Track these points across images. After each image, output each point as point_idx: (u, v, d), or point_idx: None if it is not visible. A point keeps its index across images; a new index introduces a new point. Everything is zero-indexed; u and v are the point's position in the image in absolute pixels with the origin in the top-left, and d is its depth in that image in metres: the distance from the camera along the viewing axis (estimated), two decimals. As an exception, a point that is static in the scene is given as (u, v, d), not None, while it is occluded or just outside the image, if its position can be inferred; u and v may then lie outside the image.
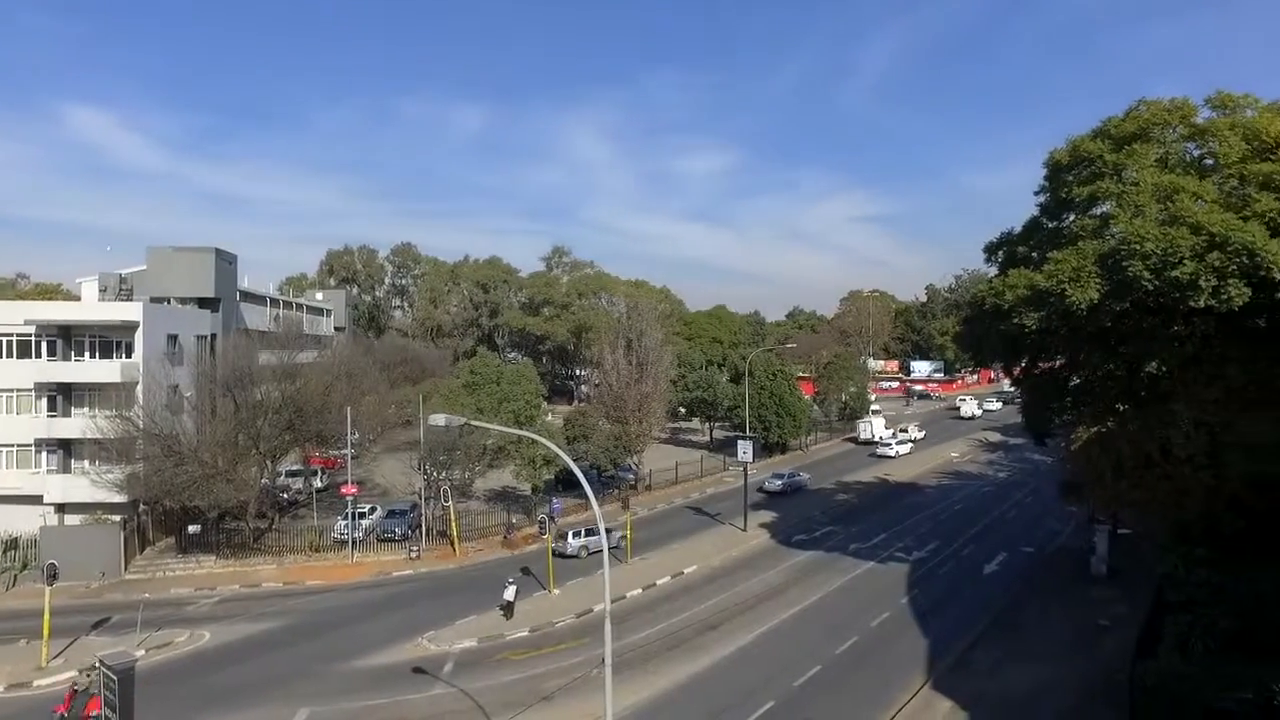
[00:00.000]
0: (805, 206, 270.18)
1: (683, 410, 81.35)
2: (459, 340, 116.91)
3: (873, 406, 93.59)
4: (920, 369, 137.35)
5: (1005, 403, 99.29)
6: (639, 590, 36.12)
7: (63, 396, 44.09)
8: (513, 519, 46.11)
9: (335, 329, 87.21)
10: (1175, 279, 24.24)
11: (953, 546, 43.02)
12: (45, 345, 44.17)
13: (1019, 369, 36.05)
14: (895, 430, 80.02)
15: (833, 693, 25.45)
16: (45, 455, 44.19)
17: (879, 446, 74.24)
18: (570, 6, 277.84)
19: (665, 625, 31.65)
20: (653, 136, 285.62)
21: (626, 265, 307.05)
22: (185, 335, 48.96)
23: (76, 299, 57.68)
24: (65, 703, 23.37)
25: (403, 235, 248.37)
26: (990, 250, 34.86)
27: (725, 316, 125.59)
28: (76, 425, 42.69)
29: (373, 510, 47.63)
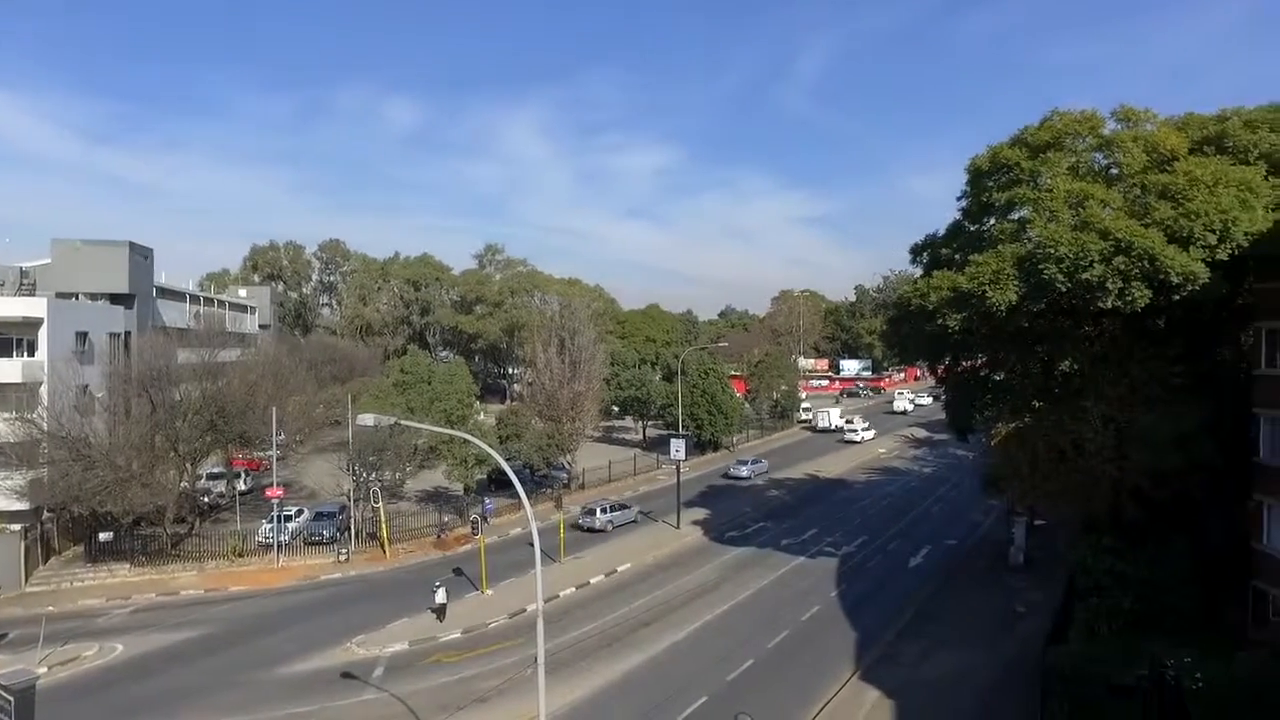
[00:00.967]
0: (740, 207, 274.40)
1: (616, 409, 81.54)
2: (389, 339, 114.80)
3: (803, 404, 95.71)
4: (849, 367, 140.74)
5: (936, 398, 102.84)
6: (573, 589, 36.08)
7: (-43, 398, 41.37)
8: (444, 519, 45.47)
9: (260, 327, 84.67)
10: (1086, 281, 25.55)
11: (880, 540, 44.28)
12: (-64, 344, 41.39)
13: (943, 368, 37.41)
14: (850, 419, 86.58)
15: (765, 686, 25.94)
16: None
17: (846, 433, 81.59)
18: (508, 2, 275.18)
19: (599, 623, 31.69)
20: (590, 134, 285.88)
21: (560, 263, 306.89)
22: (96, 333, 46.62)
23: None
24: None
25: (331, 231, 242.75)
26: (916, 252, 35.99)
27: (658, 315, 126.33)
28: (-28, 428, 40.10)
29: (300, 513, 46.34)
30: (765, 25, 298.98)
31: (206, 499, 48.38)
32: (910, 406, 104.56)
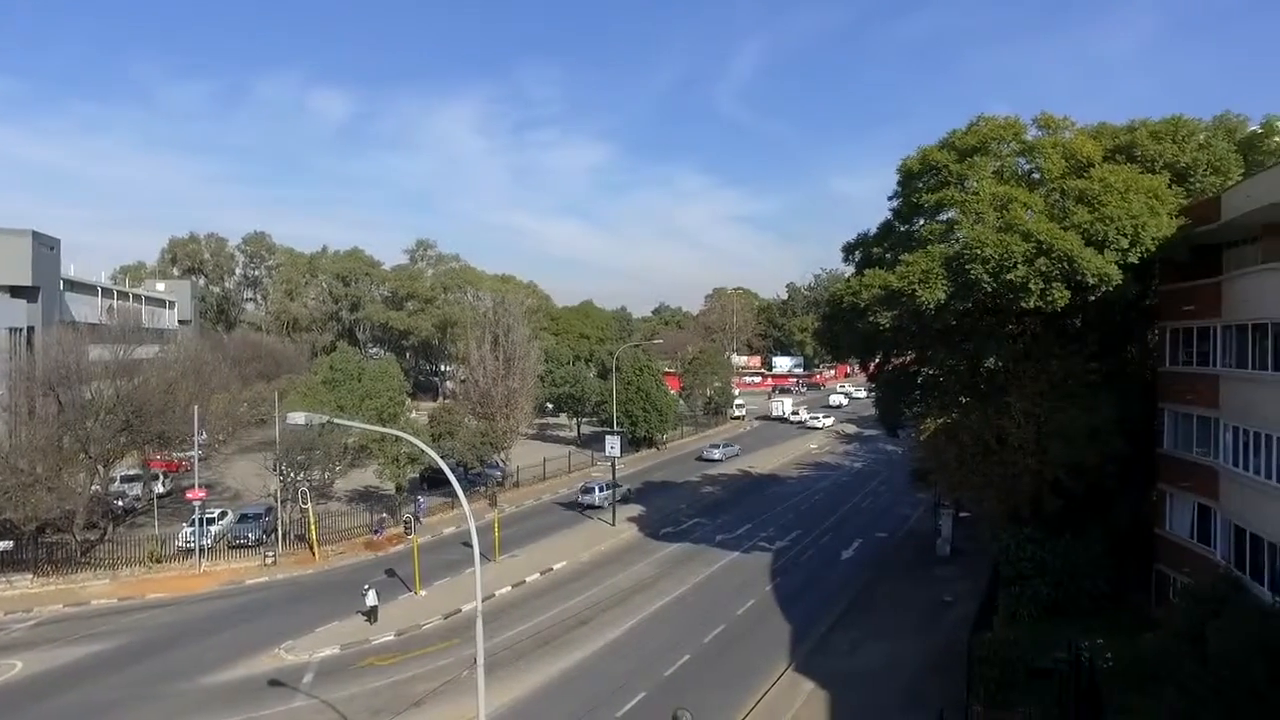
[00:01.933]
0: (674, 205, 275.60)
1: (550, 406, 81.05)
2: (317, 335, 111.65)
3: (736, 401, 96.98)
4: (781, 364, 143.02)
5: (870, 392, 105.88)
6: (509, 588, 35.72)
7: None
8: (377, 518, 44.42)
9: (180, 322, 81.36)
10: (1010, 281, 26.60)
11: (813, 535, 45.16)
12: None
13: (874, 364, 38.32)
14: (812, 410, 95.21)
15: (703, 680, 26.15)
16: None
17: (807, 421, 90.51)
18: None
19: (536, 622, 31.46)
20: (523, 130, 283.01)
21: (493, 260, 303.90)
22: (-4, 327, 43.99)
23: None
24: None
25: (256, 224, 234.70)
26: (848, 250, 36.82)
27: (593, 312, 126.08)
28: None
29: (223, 515, 44.62)
30: (699, 24, 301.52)
31: (121, 503, 45.92)
32: (846, 401, 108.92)
